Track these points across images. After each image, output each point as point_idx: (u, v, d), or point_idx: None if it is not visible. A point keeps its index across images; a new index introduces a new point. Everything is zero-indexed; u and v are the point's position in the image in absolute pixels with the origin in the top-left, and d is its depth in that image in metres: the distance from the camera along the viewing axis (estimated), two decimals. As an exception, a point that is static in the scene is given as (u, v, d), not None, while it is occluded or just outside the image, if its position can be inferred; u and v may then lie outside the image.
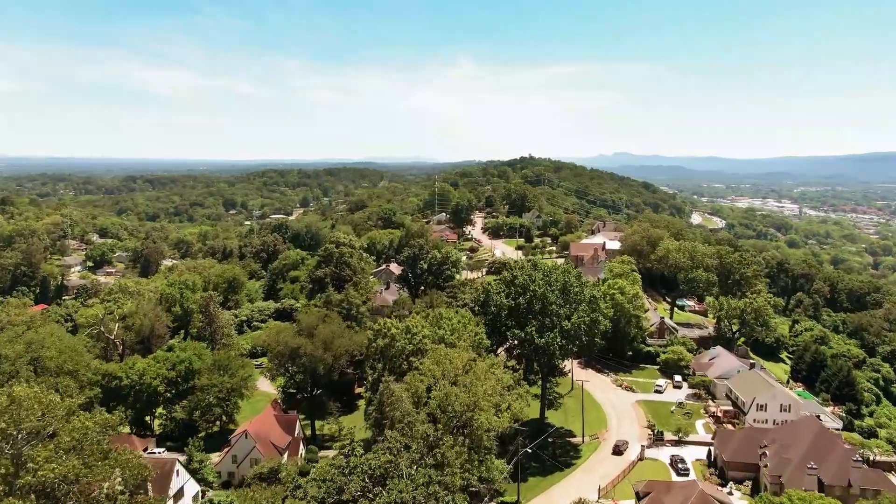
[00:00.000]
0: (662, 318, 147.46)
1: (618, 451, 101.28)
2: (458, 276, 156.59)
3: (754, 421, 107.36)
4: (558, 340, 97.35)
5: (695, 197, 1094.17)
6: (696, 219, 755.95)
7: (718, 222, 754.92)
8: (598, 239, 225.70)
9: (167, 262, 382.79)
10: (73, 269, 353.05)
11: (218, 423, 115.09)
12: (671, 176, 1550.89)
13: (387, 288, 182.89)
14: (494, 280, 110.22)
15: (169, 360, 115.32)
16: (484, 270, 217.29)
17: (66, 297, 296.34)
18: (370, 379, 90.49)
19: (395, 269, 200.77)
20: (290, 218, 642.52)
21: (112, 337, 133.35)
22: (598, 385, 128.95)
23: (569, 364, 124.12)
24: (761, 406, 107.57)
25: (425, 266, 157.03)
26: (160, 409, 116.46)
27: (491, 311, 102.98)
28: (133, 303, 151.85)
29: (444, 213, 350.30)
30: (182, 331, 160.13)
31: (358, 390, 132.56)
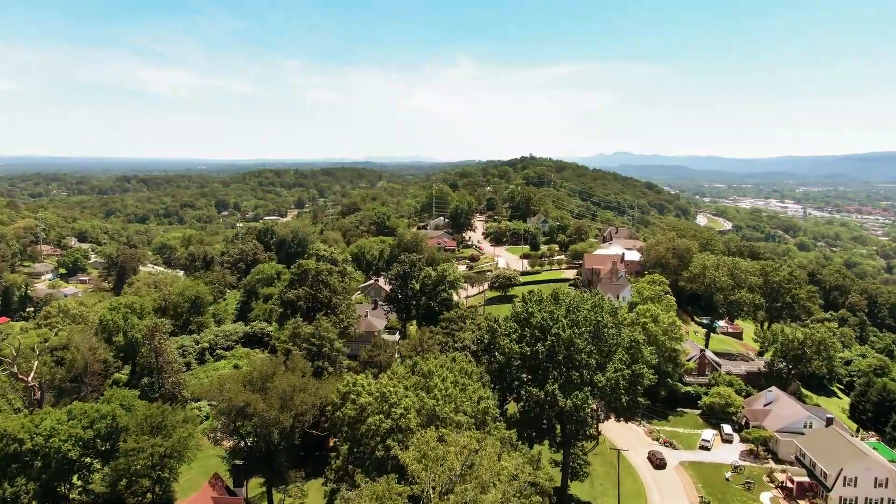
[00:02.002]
0: (703, 350, 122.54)
1: (659, 463, 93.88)
2: (457, 299, 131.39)
3: (840, 499, 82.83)
4: (590, 402, 72.61)
5: (697, 197, 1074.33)
6: (701, 220, 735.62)
7: (724, 224, 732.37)
8: (614, 249, 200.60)
9: (147, 269, 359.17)
10: (43, 278, 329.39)
11: (149, 494, 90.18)
12: (672, 176, 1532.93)
13: (374, 308, 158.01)
14: (503, 318, 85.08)
15: (87, 416, 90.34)
16: (486, 284, 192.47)
17: (30, 309, 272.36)
18: (332, 465, 65.82)
19: (386, 283, 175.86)
20: (285, 220, 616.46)
21: (28, 379, 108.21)
22: (629, 438, 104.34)
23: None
24: (849, 480, 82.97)
25: (417, 287, 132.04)
26: (76, 479, 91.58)
27: (498, 360, 78.15)
28: (67, 330, 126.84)
29: (441, 217, 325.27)
30: (131, 362, 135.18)
31: (334, 440, 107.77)
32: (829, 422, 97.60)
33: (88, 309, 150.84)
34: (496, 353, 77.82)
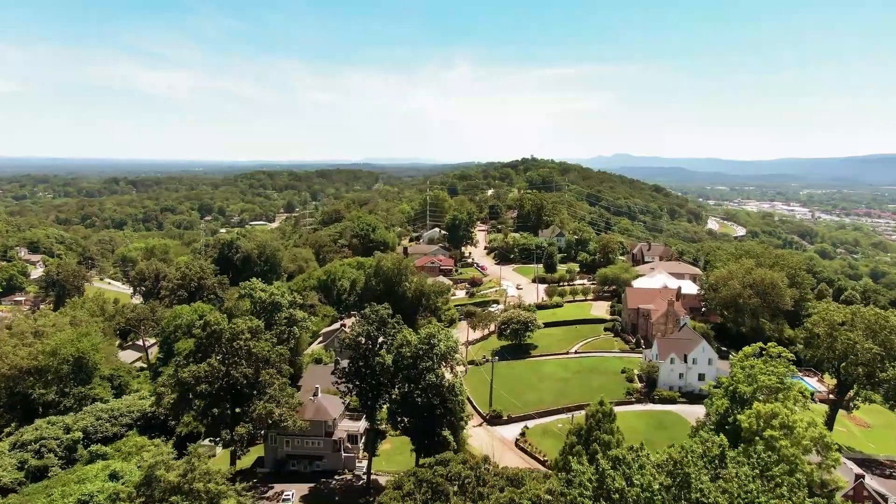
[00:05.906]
0: (860, 477, 74.51)
1: None
2: (450, 377, 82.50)
3: None
4: None
5: (701, 200, 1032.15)
6: (712, 224, 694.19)
7: (737, 229, 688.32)
8: (661, 277, 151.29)
9: (99, 286, 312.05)
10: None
11: None
12: (672, 178, 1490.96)
13: (335, 370, 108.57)
14: (546, 494, 37.04)
15: None
16: (492, 325, 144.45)
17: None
18: None
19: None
20: (273, 225, 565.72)
21: None
22: None
23: None
24: None
25: (389, 363, 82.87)
26: None
27: None
28: None
29: (437, 229, 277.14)
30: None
31: None
32: None
33: None
34: None
